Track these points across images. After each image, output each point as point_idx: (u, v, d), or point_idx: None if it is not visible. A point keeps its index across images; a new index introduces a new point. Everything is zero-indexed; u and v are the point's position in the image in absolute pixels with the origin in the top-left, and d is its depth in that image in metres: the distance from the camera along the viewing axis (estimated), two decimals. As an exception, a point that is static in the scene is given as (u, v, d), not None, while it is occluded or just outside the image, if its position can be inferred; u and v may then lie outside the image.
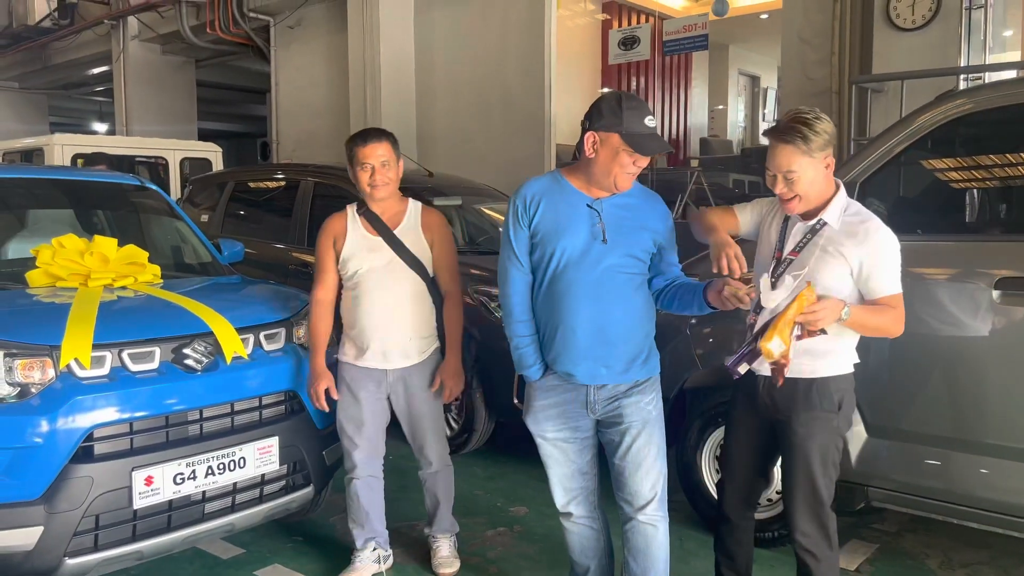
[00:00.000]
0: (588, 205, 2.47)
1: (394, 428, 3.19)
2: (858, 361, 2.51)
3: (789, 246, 2.44)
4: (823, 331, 2.28)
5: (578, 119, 2.57)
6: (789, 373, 2.36)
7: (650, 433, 2.54)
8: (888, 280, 2.36)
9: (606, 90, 10.79)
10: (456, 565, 3.26)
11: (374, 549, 3.19)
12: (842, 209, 2.40)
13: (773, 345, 2.23)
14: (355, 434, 3.08)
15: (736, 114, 13.79)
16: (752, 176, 9.29)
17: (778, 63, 11.23)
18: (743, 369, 2.38)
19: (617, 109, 2.40)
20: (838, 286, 2.35)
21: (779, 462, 2.62)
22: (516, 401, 2.93)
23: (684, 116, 12.14)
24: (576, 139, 2.54)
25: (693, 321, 3.38)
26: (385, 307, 2.99)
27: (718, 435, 3.42)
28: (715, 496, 3.12)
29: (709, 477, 3.51)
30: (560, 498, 2.68)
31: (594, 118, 2.43)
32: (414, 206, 3.12)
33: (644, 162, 2.44)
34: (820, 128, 2.29)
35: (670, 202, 3.45)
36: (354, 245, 3.02)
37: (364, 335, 3.01)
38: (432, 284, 3.07)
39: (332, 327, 3.10)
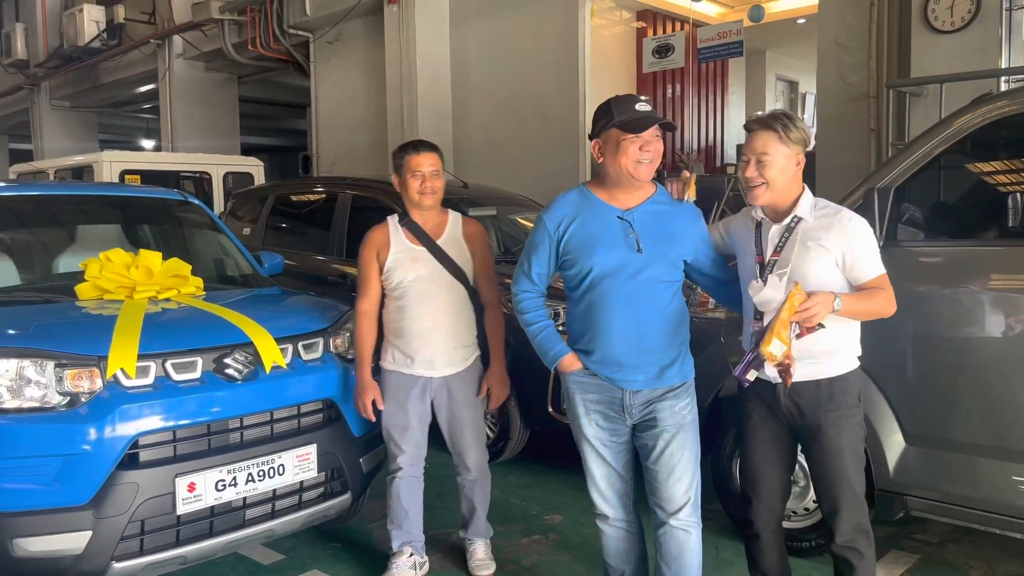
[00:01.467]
0: (619, 217, 2.50)
1: (432, 436, 3.24)
2: (860, 354, 2.54)
3: (769, 249, 2.48)
4: (821, 325, 2.31)
5: None
6: (810, 376, 2.41)
7: (684, 438, 2.55)
8: (872, 263, 2.42)
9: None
10: (492, 567, 3.31)
11: (411, 555, 3.23)
12: (811, 205, 2.46)
13: (774, 348, 2.28)
14: (401, 439, 3.15)
15: (774, 120, 13.60)
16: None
17: (816, 68, 11.12)
18: (751, 376, 2.42)
19: (607, 109, 2.49)
20: (826, 278, 2.39)
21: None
22: (551, 410, 2.97)
23: (721, 123, 12.06)
24: None
25: (727, 331, 3.37)
26: (430, 316, 3.07)
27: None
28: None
29: (745, 486, 3.49)
30: (598, 500, 2.70)
31: (593, 129, 2.53)
32: (455, 217, 3.21)
33: (652, 147, 2.44)
34: (800, 126, 2.42)
35: (707, 210, 3.44)
36: (398, 256, 3.09)
37: (410, 344, 3.08)
38: (473, 293, 3.14)
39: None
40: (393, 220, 3.17)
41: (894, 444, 3.05)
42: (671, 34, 8.42)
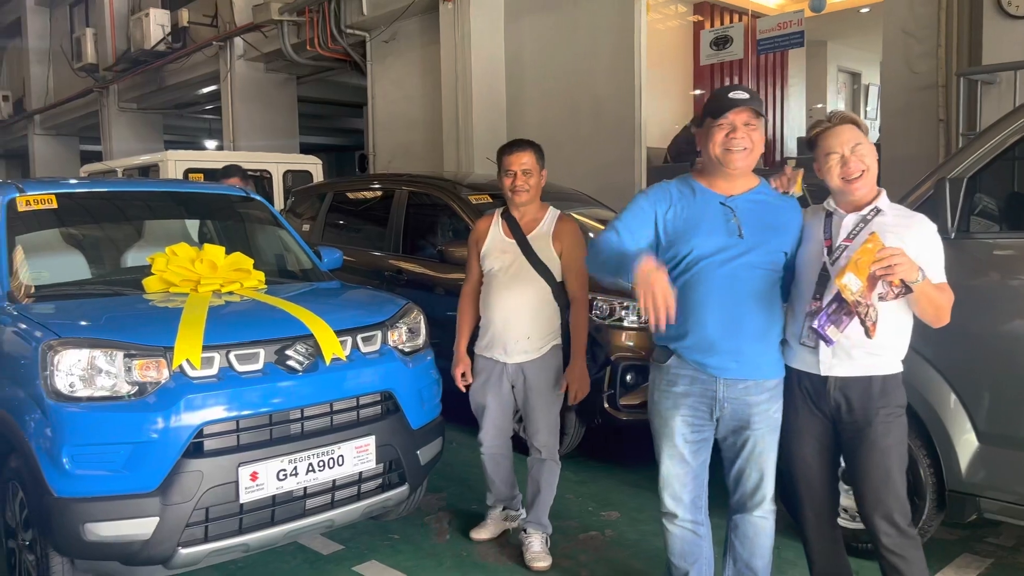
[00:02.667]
0: (721, 203, 2.48)
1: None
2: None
3: (842, 235, 2.42)
4: (907, 288, 2.22)
5: (669, 122, 2.66)
6: (863, 371, 2.38)
7: (772, 439, 2.56)
8: (941, 269, 2.39)
9: (698, 92, 10.63)
10: (548, 560, 3.34)
11: (504, 509, 3.60)
12: (889, 204, 2.45)
13: (847, 280, 2.19)
14: (480, 416, 3.42)
15: (836, 113, 13.27)
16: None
17: (880, 58, 10.80)
18: (833, 334, 2.30)
19: (707, 103, 2.51)
20: None
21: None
22: (607, 406, 2.96)
23: (780, 115, 11.80)
24: (666, 142, 2.58)
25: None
26: (507, 305, 3.26)
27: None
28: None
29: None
30: (668, 499, 2.63)
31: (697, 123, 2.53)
32: (552, 214, 3.34)
33: (739, 135, 2.40)
34: (865, 127, 2.45)
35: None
36: (491, 245, 3.33)
37: (489, 329, 3.32)
38: (560, 289, 3.27)
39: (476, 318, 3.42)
40: (498, 212, 3.40)
41: (966, 443, 2.94)
42: (730, 25, 8.26)
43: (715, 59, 8.57)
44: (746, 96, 2.42)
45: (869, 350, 2.37)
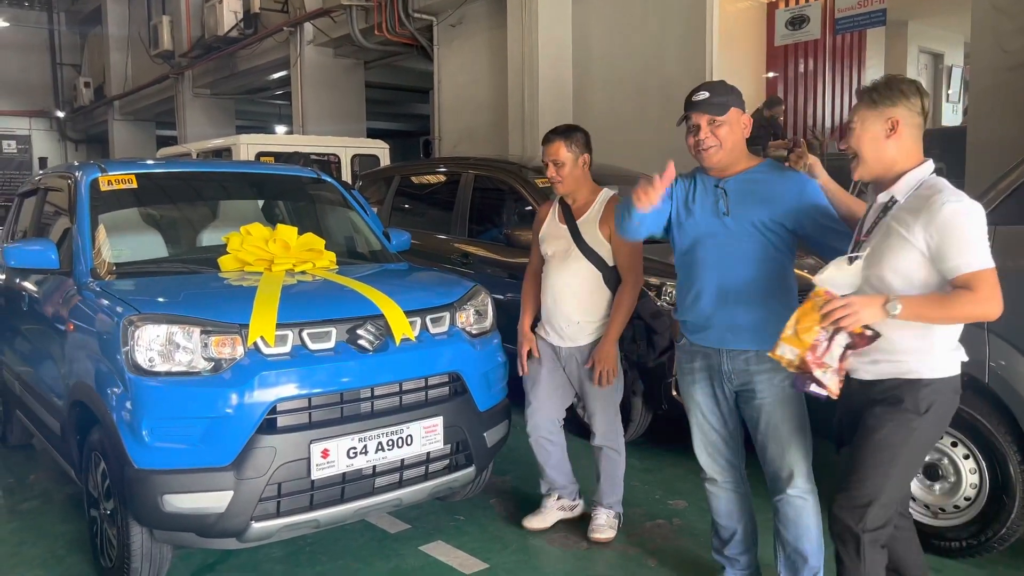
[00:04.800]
0: (716, 185, 2.63)
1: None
2: (966, 359, 2.20)
3: (865, 227, 2.26)
4: (874, 332, 2.05)
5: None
6: (875, 375, 2.19)
7: (785, 409, 2.57)
8: (960, 257, 2.03)
9: (771, 75, 10.34)
10: (610, 534, 3.39)
11: (558, 498, 3.53)
12: (914, 185, 2.16)
13: (782, 351, 2.11)
14: (530, 391, 3.41)
15: (916, 95, 12.75)
16: (936, 163, 8.58)
17: (965, 38, 10.29)
18: (812, 388, 2.15)
19: None
20: (907, 267, 2.11)
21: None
22: (675, 393, 2.93)
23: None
24: None
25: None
26: (558, 290, 3.28)
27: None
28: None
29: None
30: (704, 463, 2.82)
31: None
32: (603, 197, 3.33)
33: (710, 133, 2.55)
34: (895, 86, 2.17)
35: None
36: (547, 230, 3.38)
37: (544, 312, 3.37)
38: (611, 274, 3.25)
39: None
40: (557, 198, 3.40)
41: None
42: (806, 4, 7.99)
43: (790, 39, 8.33)
44: (704, 96, 2.58)
45: (888, 356, 2.17)
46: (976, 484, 3.05)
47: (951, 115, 12.62)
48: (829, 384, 2.13)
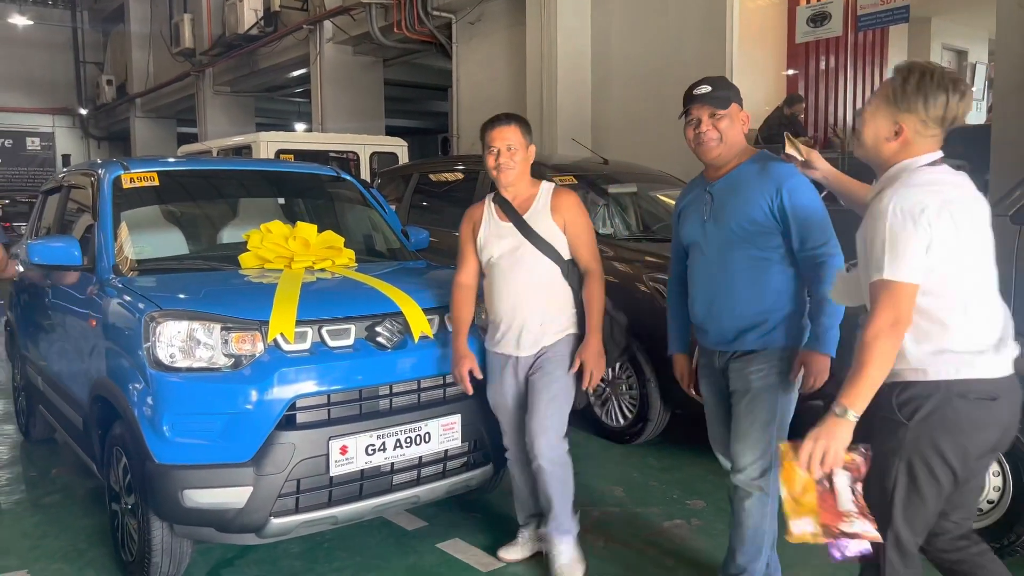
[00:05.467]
0: (705, 190, 2.65)
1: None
2: (979, 371, 1.91)
3: None
4: (865, 449, 1.87)
5: (759, 103, 2.76)
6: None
7: (752, 403, 2.58)
8: (873, 260, 1.85)
9: (791, 72, 10.26)
10: (580, 570, 3.03)
11: (537, 527, 3.19)
12: (893, 176, 1.97)
13: (802, 528, 1.85)
14: (500, 417, 3.11)
15: (938, 93, 12.59)
16: (956, 160, 8.48)
17: (989, 35, 10.15)
18: (848, 552, 1.88)
19: None
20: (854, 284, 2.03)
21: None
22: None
23: (879, 97, 11.29)
24: (758, 123, 2.60)
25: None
26: (515, 294, 2.97)
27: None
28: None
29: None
30: (720, 458, 2.84)
31: None
32: (546, 188, 3.07)
33: (711, 126, 2.54)
34: (924, 88, 1.91)
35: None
36: (487, 232, 3.05)
37: (497, 322, 3.03)
38: (570, 267, 3.00)
39: (475, 311, 3.13)
40: (489, 197, 3.12)
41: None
42: (828, 1, 7.91)
43: (811, 36, 8.23)
44: (707, 89, 2.56)
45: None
46: (999, 487, 3.01)
47: (975, 113, 12.47)
48: (863, 531, 1.84)
